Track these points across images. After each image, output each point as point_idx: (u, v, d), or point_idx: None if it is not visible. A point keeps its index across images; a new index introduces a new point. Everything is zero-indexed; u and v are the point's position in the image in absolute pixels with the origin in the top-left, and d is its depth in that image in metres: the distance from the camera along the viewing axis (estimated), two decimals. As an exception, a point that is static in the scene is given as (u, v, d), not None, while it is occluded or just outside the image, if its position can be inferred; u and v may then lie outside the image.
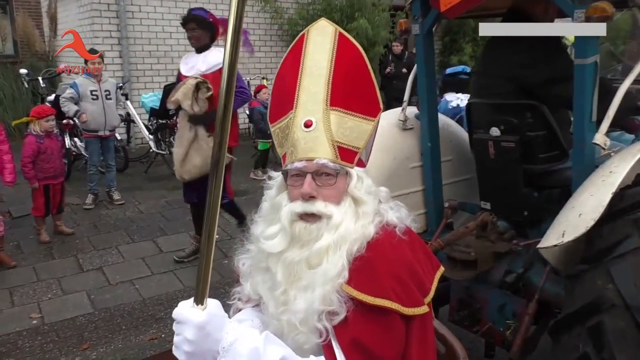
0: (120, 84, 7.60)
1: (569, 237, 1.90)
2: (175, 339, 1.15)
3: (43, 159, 4.76)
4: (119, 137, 6.93)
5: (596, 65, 2.11)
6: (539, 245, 2.03)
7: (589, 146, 2.16)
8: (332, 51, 1.29)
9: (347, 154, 1.28)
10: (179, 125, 4.37)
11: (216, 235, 3.88)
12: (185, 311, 1.13)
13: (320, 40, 1.31)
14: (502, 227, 2.64)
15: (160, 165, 7.73)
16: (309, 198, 1.25)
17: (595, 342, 1.76)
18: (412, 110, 3.02)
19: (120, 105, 6.20)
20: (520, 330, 2.28)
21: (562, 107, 2.49)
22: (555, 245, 1.95)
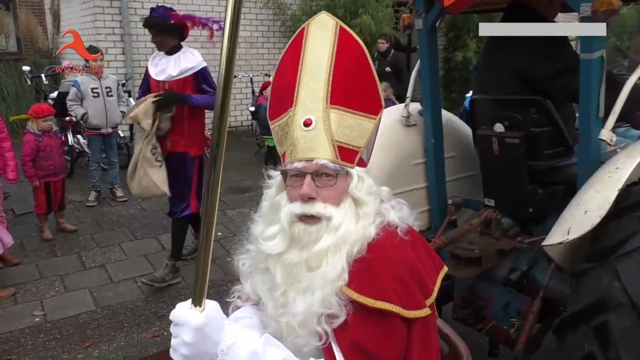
0: (123, 81, 7.59)
1: (574, 235, 1.88)
2: (172, 342, 1.12)
3: (42, 156, 4.75)
4: (121, 134, 6.92)
5: (602, 59, 2.08)
6: (543, 243, 2.00)
7: (594, 142, 2.13)
8: (333, 46, 1.26)
9: (348, 154, 1.25)
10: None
11: (219, 233, 3.84)
12: (183, 313, 1.09)
13: (321, 35, 1.27)
14: (507, 224, 2.62)
15: (163, 162, 7.71)
16: (308, 199, 1.22)
17: (601, 342, 1.74)
18: (416, 107, 2.99)
19: (122, 102, 6.19)
20: (525, 329, 2.26)
21: (568, 101, 2.46)
22: (560, 243, 1.92)
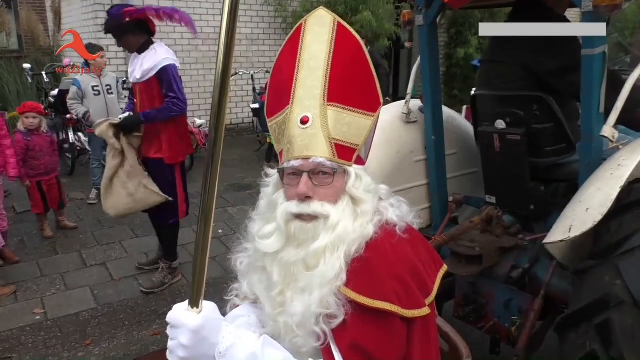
0: (124, 78, 7.57)
1: (576, 232, 1.86)
2: (169, 344, 1.10)
3: (32, 155, 4.70)
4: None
5: (604, 55, 2.06)
6: (545, 240, 1.99)
7: (596, 139, 2.12)
8: (331, 43, 1.24)
9: (345, 152, 1.23)
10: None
11: (220, 231, 3.82)
12: (180, 315, 1.07)
13: (318, 31, 1.26)
14: (508, 222, 2.61)
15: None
16: (305, 198, 1.21)
17: (603, 340, 1.72)
18: (416, 103, 2.98)
19: (122, 99, 6.18)
20: (526, 327, 2.25)
21: (574, 97, 2.44)
22: (561, 240, 1.91)
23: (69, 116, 6.40)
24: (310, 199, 1.21)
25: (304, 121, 1.21)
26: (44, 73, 7.76)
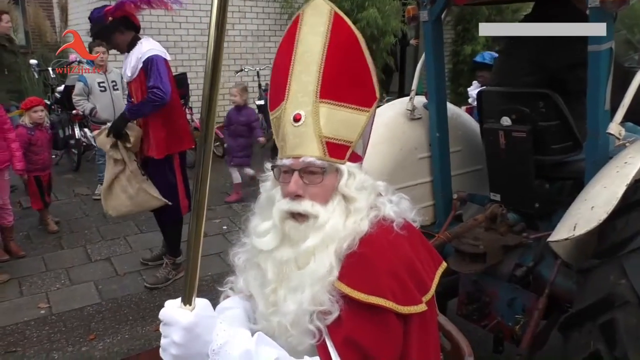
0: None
1: (580, 231, 1.85)
2: (162, 341, 1.08)
3: (33, 150, 4.71)
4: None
5: (611, 51, 2.04)
6: (549, 239, 1.97)
7: (603, 136, 2.09)
8: (326, 34, 1.23)
9: (337, 150, 1.23)
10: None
11: (224, 227, 3.81)
12: (172, 312, 1.05)
13: (315, 21, 1.25)
14: (512, 220, 2.59)
15: (169, 155, 7.72)
16: (296, 197, 1.21)
17: (608, 340, 1.71)
18: (421, 100, 2.96)
19: (126, 95, 6.19)
20: (530, 326, 2.24)
21: (585, 93, 2.42)
22: (566, 239, 1.89)
23: (74, 112, 6.41)
24: (301, 198, 1.21)
25: (297, 119, 1.21)
26: (50, 69, 7.78)
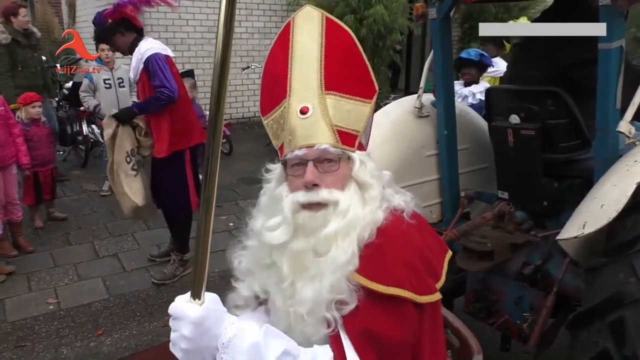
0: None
1: (590, 229, 1.84)
2: (172, 336, 1.09)
3: (31, 146, 4.68)
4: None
5: (622, 49, 2.02)
6: (558, 237, 1.96)
7: (612, 134, 2.08)
8: (321, 37, 1.25)
9: (348, 138, 1.24)
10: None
11: (230, 224, 3.81)
12: (182, 306, 1.06)
13: (308, 27, 1.26)
14: (520, 218, 2.59)
15: (176, 152, 7.74)
16: (313, 186, 1.21)
17: (616, 338, 1.70)
18: (428, 97, 2.95)
19: (134, 92, 6.20)
20: (538, 324, 2.23)
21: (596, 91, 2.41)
22: (575, 237, 1.88)
23: (82, 108, 6.44)
24: (317, 187, 1.21)
25: (304, 111, 1.21)
26: (58, 65, 7.82)
